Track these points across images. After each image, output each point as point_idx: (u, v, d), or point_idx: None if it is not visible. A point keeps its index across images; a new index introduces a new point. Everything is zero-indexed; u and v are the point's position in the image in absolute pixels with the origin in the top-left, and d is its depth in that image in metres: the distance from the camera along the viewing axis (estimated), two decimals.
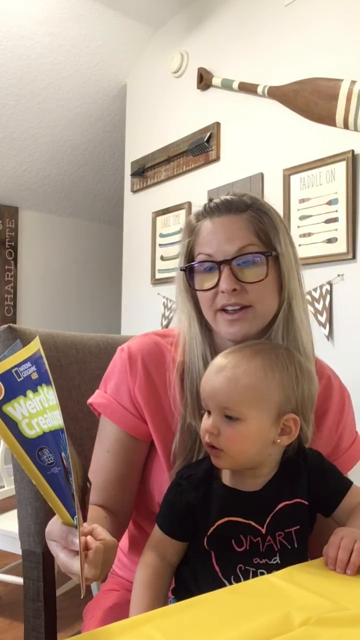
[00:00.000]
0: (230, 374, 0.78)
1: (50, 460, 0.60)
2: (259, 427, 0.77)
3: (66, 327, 4.16)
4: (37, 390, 0.60)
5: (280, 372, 0.79)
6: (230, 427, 0.77)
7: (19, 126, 3.54)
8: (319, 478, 0.82)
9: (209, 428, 0.78)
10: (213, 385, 0.79)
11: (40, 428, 0.60)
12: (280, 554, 0.78)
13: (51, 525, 0.67)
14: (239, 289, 0.86)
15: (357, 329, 2.07)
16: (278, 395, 0.78)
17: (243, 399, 0.77)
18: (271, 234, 0.88)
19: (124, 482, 0.90)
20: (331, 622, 0.58)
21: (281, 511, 0.79)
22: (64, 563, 0.64)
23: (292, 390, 0.80)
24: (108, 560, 0.64)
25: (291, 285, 0.89)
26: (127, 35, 3.11)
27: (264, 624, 0.57)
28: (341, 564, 0.71)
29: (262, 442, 0.78)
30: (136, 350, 0.93)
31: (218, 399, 0.78)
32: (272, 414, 0.78)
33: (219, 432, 0.77)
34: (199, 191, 2.76)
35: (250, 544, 0.78)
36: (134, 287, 3.26)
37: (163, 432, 0.91)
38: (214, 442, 0.78)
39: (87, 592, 1.61)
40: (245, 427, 0.77)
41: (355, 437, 1.02)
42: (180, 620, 0.59)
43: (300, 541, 0.80)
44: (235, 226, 0.87)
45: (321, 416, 0.96)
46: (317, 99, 2.21)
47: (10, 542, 1.88)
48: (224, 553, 0.78)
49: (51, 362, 1.11)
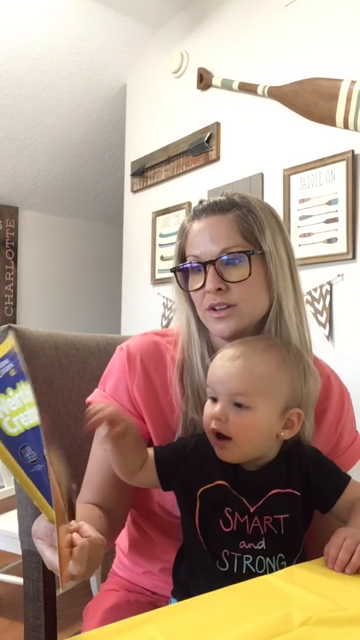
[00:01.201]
0: (246, 362, 0.79)
1: (33, 458, 0.60)
2: (267, 418, 0.79)
3: (66, 327, 4.16)
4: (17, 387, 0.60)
5: (291, 368, 0.81)
6: (239, 415, 0.78)
7: (19, 126, 3.54)
8: (317, 473, 0.83)
9: (216, 414, 0.78)
10: (227, 372, 0.79)
11: (22, 425, 0.60)
12: (266, 538, 0.79)
13: (37, 524, 0.68)
14: (224, 289, 0.87)
15: (357, 329, 2.07)
16: (287, 389, 0.80)
17: (257, 388, 0.78)
18: (257, 232, 0.88)
19: (119, 482, 0.90)
20: (331, 622, 0.58)
21: (272, 497, 0.80)
22: (50, 561, 0.65)
23: (300, 386, 0.81)
24: (95, 559, 0.65)
25: (280, 283, 0.89)
26: (127, 35, 3.11)
27: (264, 624, 0.57)
28: (341, 564, 0.71)
29: (268, 433, 0.80)
30: (135, 349, 0.94)
31: (231, 385, 0.78)
32: (280, 407, 0.80)
33: (227, 418, 0.78)
34: (199, 191, 2.76)
35: (237, 524, 0.79)
36: (134, 287, 3.26)
37: (161, 430, 0.92)
38: (221, 428, 0.78)
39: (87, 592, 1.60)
40: (255, 416, 0.78)
41: (355, 437, 1.02)
42: (180, 620, 0.59)
43: (288, 529, 0.80)
44: (220, 226, 0.88)
45: (320, 415, 0.96)
46: (317, 99, 2.21)
47: (10, 542, 1.88)
48: (211, 535, 0.79)
49: (51, 362, 1.11)
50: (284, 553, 0.80)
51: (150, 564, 0.98)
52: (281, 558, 0.79)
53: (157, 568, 0.96)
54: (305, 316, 0.94)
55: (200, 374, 0.90)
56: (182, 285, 0.93)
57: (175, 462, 0.81)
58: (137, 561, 1.00)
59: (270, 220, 0.90)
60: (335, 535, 0.75)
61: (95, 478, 0.90)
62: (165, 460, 0.81)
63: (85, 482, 0.92)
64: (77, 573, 0.62)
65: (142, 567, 0.99)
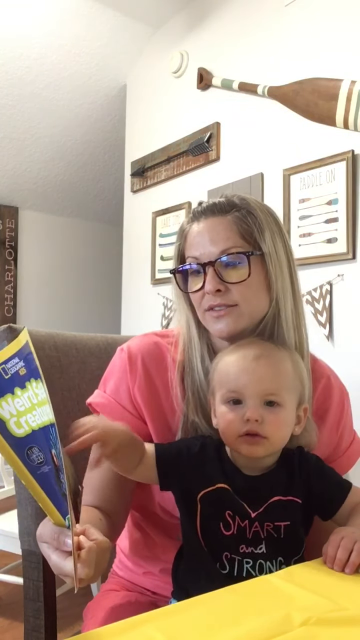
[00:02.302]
0: (270, 360, 0.81)
1: (40, 459, 0.58)
2: (292, 412, 0.81)
3: (66, 327, 4.16)
4: (26, 386, 0.58)
5: (299, 365, 0.84)
6: (273, 413, 0.79)
7: (19, 126, 3.54)
8: (319, 480, 0.83)
9: (252, 416, 0.77)
10: (256, 372, 0.79)
11: (29, 426, 0.58)
12: (267, 542, 0.79)
13: (42, 527, 0.67)
14: (223, 290, 0.87)
15: (357, 329, 2.07)
16: (300, 385, 0.83)
17: (284, 384, 0.80)
18: (256, 233, 0.87)
19: (120, 484, 0.90)
20: (331, 622, 0.58)
21: (274, 504, 0.80)
22: (57, 564, 0.63)
23: (306, 382, 0.84)
24: (101, 561, 0.64)
25: (279, 284, 0.89)
26: (127, 35, 3.11)
27: (264, 624, 0.57)
28: (339, 563, 0.71)
29: (291, 429, 0.82)
30: (136, 350, 0.93)
31: (263, 386, 0.79)
32: (296, 401, 0.82)
33: (263, 419, 0.78)
34: (199, 191, 2.76)
35: (238, 528, 0.79)
36: (134, 287, 3.26)
37: (162, 432, 0.91)
38: (258, 429, 0.78)
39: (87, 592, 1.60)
40: (286, 413, 0.80)
41: (353, 437, 1.03)
42: (180, 620, 0.59)
43: (288, 535, 0.80)
44: (220, 228, 0.88)
45: (322, 416, 0.96)
46: (317, 99, 2.21)
47: (10, 542, 1.88)
48: (212, 537, 0.79)
49: (51, 362, 1.11)
50: (284, 557, 0.80)
51: (151, 564, 0.98)
52: (281, 562, 0.79)
53: (158, 568, 0.96)
54: (303, 318, 0.94)
55: (201, 376, 0.90)
56: (182, 287, 0.93)
57: (176, 462, 0.81)
58: (137, 561, 1.00)
59: (270, 222, 0.90)
60: (333, 535, 0.75)
61: (95, 480, 0.90)
62: (166, 459, 0.81)
63: (85, 485, 0.92)
64: (85, 576, 0.61)
65: (142, 568, 0.99)
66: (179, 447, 0.84)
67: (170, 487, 0.84)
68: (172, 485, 0.83)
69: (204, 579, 0.79)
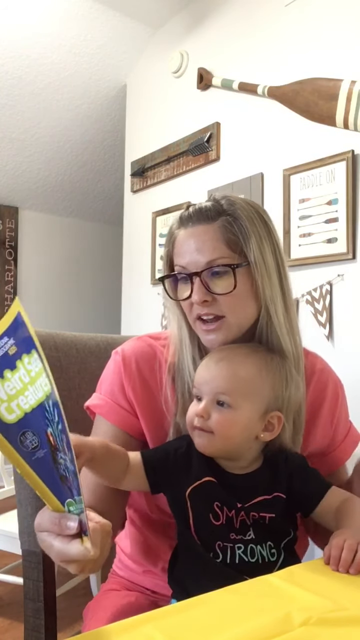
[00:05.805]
0: (230, 364, 0.83)
1: (34, 444, 0.55)
2: (247, 417, 0.82)
3: (66, 327, 4.16)
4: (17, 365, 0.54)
5: (272, 374, 0.85)
6: (221, 412, 0.82)
7: (19, 126, 3.54)
8: (299, 478, 0.85)
9: (199, 411, 0.82)
10: (212, 372, 0.83)
11: (21, 410, 0.55)
12: (254, 528, 0.81)
13: (40, 517, 0.64)
14: (210, 300, 0.87)
15: (357, 329, 2.07)
16: (268, 393, 0.83)
17: (238, 388, 0.82)
18: (242, 242, 0.87)
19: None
20: (331, 622, 0.58)
21: (258, 502, 0.83)
22: (60, 550, 0.61)
23: (281, 391, 0.85)
24: (105, 545, 0.63)
25: (267, 292, 0.88)
26: (127, 35, 3.11)
27: (264, 624, 0.57)
28: (345, 564, 0.72)
29: (247, 433, 0.83)
30: (130, 353, 0.95)
31: (215, 384, 0.82)
32: (260, 408, 0.83)
33: (209, 416, 0.81)
34: (199, 191, 2.76)
35: (226, 518, 0.81)
36: (133, 287, 3.26)
37: (156, 432, 0.93)
38: (203, 425, 0.81)
39: (87, 592, 1.59)
40: (235, 415, 0.81)
41: (349, 428, 1.04)
42: (180, 620, 0.59)
43: (273, 524, 0.82)
44: (206, 237, 0.87)
45: (317, 408, 0.98)
46: (317, 99, 2.21)
47: (10, 542, 1.88)
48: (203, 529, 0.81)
49: (51, 362, 1.11)
50: (273, 541, 0.82)
51: (151, 564, 0.98)
52: (271, 546, 0.82)
53: (158, 567, 0.97)
54: (296, 321, 0.94)
55: (192, 377, 0.91)
56: (171, 294, 0.94)
57: (165, 464, 0.84)
58: (137, 561, 1.01)
59: (257, 227, 0.88)
60: (335, 537, 0.76)
61: (90, 480, 0.90)
62: (154, 465, 0.84)
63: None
64: (93, 555, 0.59)
65: (142, 567, 0.99)
66: (165, 449, 0.86)
67: (161, 490, 0.86)
68: (162, 487, 0.86)
69: (200, 570, 0.80)
